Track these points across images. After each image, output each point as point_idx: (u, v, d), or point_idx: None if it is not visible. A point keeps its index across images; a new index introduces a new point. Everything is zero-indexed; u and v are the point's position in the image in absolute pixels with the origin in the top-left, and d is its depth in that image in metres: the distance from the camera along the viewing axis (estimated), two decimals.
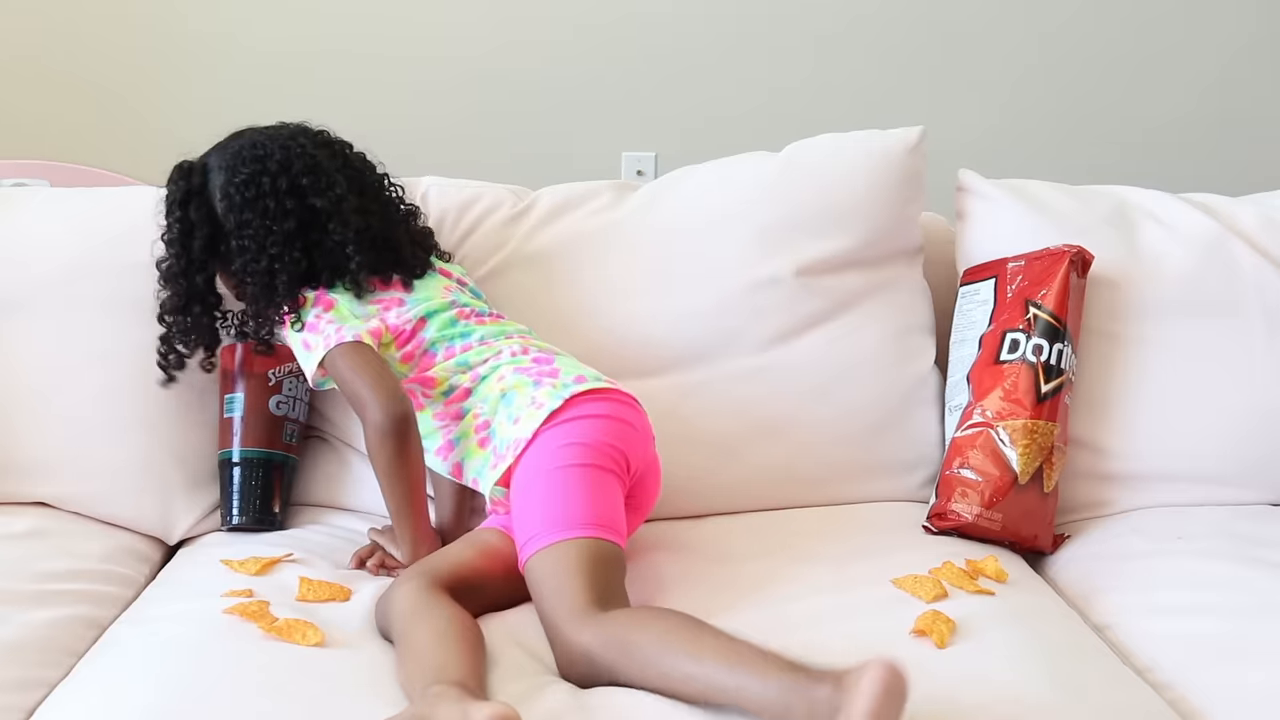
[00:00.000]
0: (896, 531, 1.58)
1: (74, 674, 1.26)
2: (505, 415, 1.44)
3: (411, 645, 1.21)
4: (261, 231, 1.50)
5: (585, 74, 2.76)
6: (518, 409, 1.43)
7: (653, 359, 1.64)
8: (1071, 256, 1.62)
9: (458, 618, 1.25)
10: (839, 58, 2.77)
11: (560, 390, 1.42)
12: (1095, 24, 2.79)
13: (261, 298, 1.51)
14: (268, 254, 1.50)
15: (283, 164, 1.52)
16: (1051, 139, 2.80)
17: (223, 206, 1.52)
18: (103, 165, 2.33)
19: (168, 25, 2.68)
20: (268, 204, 1.50)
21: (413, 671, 1.17)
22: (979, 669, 1.20)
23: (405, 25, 2.70)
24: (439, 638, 1.20)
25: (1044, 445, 1.56)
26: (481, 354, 1.51)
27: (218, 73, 2.68)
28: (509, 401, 1.44)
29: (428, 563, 1.36)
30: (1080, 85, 2.81)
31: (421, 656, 1.18)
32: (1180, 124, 2.81)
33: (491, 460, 1.44)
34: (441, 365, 1.51)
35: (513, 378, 1.46)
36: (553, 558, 1.29)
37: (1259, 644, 1.29)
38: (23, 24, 2.67)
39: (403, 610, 1.26)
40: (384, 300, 1.54)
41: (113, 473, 1.60)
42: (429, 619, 1.23)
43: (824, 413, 1.68)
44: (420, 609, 1.25)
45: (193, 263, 1.53)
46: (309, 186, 1.52)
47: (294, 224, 1.51)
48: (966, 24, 2.77)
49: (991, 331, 1.64)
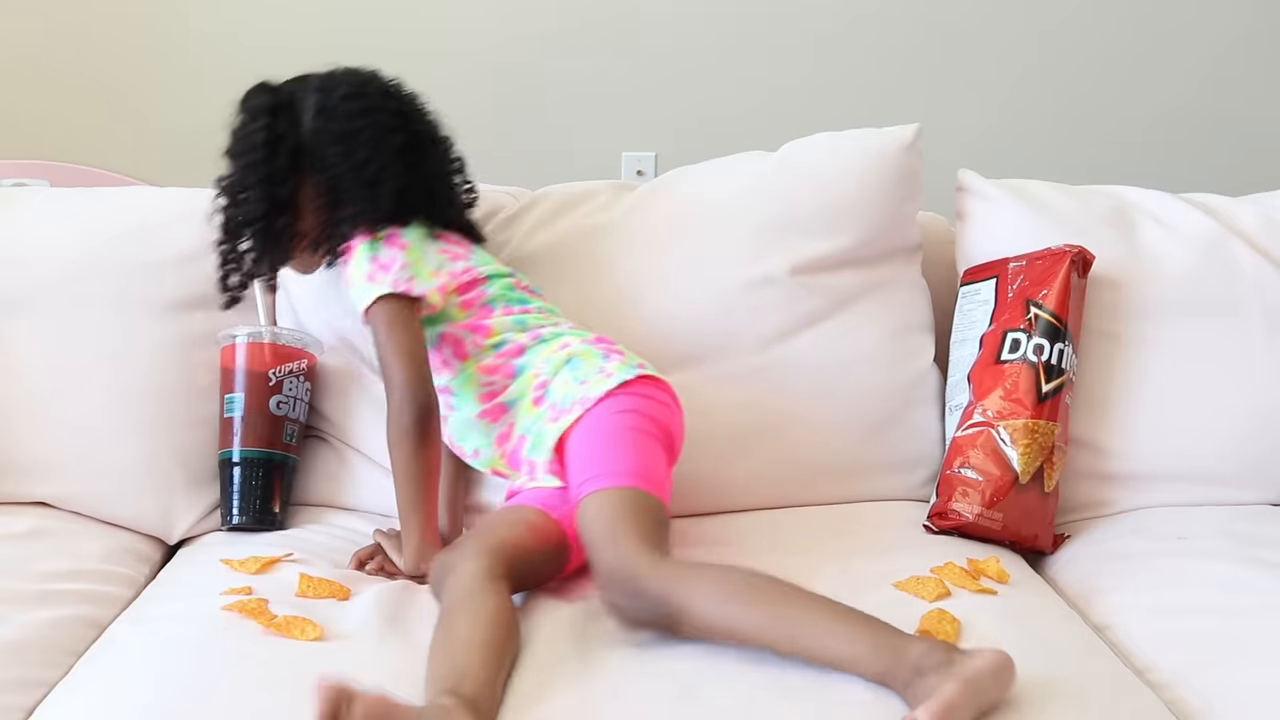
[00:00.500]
0: (897, 531, 1.58)
1: (73, 673, 1.26)
2: (570, 377, 1.46)
3: (451, 631, 1.20)
4: (371, 142, 1.51)
5: (585, 74, 2.76)
6: (585, 373, 1.46)
7: (652, 358, 1.64)
8: (1073, 256, 1.62)
9: (502, 619, 1.23)
10: (839, 58, 2.76)
11: (628, 367, 1.46)
12: (1095, 23, 2.78)
13: (360, 204, 1.50)
14: (377, 162, 1.50)
15: (384, 90, 1.56)
16: (1051, 139, 2.80)
17: (319, 120, 1.52)
18: (103, 165, 2.33)
19: (169, 25, 2.68)
20: (378, 118, 1.52)
21: (440, 659, 1.17)
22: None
23: (406, 23, 2.70)
24: (476, 640, 1.19)
25: (1045, 445, 1.56)
26: (540, 320, 1.54)
27: (219, 72, 2.68)
28: (575, 366, 1.47)
29: (493, 546, 1.33)
30: (1080, 85, 2.80)
31: (453, 651, 1.17)
32: (1180, 124, 2.81)
33: (550, 415, 1.45)
34: (499, 318, 1.53)
35: (580, 346, 1.50)
36: (625, 497, 1.32)
37: (1259, 644, 1.29)
38: (23, 24, 2.67)
39: (457, 592, 1.25)
40: (450, 251, 1.56)
41: (113, 472, 1.61)
42: (475, 612, 1.22)
43: (823, 411, 1.68)
44: (472, 597, 1.24)
45: (276, 172, 1.52)
46: (411, 113, 1.57)
47: (400, 141, 1.53)
48: (966, 24, 2.77)
49: (992, 331, 1.64)
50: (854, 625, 1.15)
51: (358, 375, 1.69)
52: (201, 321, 1.65)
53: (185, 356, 1.65)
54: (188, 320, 1.66)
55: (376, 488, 1.66)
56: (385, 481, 1.64)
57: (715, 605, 1.20)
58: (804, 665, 1.16)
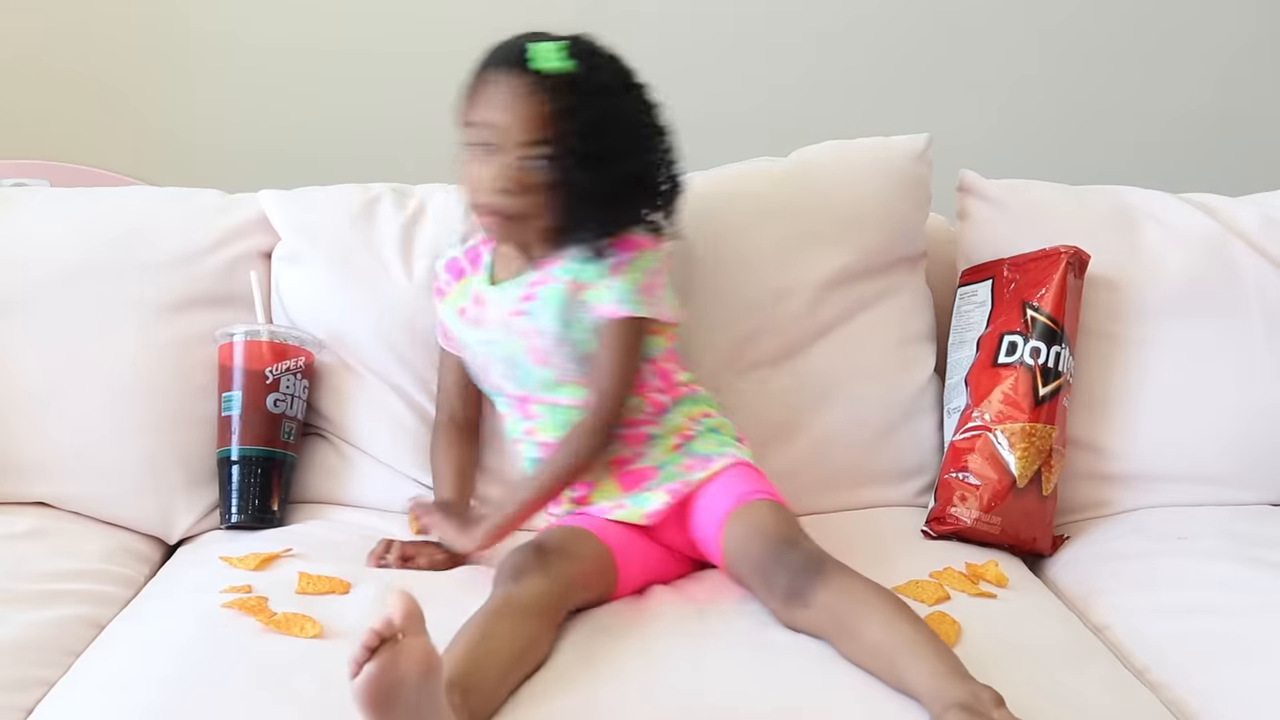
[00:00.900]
0: (896, 537, 1.58)
1: (72, 671, 1.26)
2: (715, 439, 1.50)
3: (485, 636, 1.18)
4: (657, 124, 1.47)
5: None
6: (727, 440, 1.51)
7: None
8: (1069, 258, 1.62)
9: (532, 653, 1.21)
10: (839, 56, 2.76)
11: (750, 454, 1.51)
12: (1096, 23, 2.78)
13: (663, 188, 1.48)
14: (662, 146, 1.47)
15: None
16: (1052, 139, 2.79)
17: (603, 99, 1.44)
18: (103, 165, 2.32)
19: (169, 24, 2.68)
20: (650, 100, 1.47)
21: (462, 647, 1.15)
22: (981, 673, 1.20)
23: (406, 23, 2.69)
24: (502, 652, 1.17)
25: (1042, 448, 1.56)
26: (693, 378, 1.57)
27: (219, 72, 2.68)
28: (718, 432, 1.52)
29: (559, 575, 1.30)
30: (1081, 85, 2.80)
31: (479, 652, 1.15)
32: (1180, 124, 2.81)
33: (690, 462, 1.46)
34: (677, 366, 1.55)
35: (719, 418, 1.54)
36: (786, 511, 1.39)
37: (1259, 644, 1.29)
38: (23, 23, 2.66)
39: (503, 604, 1.23)
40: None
41: (113, 472, 1.60)
42: (506, 637, 1.19)
43: (826, 421, 1.68)
44: (526, 617, 1.22)
45: None
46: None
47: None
48: (967, 23, 2.77)
49: (989, 334, 1.63)
50: (941, 657, 1.15)
51: (356, 373, 1.69)
52: (201, 321, 1.65)
53: (185, 356, 1.64)
54: (187, 320, 1.65)
55: (375, 484, 1.66)
56: (384, 477, 1.66)
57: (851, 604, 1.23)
58: (810, 674, 1.18)
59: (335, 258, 1.69)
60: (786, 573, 1.28)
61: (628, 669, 1.20)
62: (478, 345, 1.54)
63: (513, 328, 1.49)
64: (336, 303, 1.68)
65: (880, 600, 1.22)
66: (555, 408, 1.49)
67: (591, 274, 1.46)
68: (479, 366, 1.56)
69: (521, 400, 1.52)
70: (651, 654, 1.23)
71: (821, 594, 1.24)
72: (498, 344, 1.51)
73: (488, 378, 1.55)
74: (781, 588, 1.28)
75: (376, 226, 1.71)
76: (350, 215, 1.72)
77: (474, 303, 1.54)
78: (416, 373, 1.66)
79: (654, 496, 1.43)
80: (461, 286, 1.57)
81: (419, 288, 1.65)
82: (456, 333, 1.57)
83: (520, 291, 1.49)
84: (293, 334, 1.64)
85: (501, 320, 1.50)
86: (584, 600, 1.33)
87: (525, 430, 1.53)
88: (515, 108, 1.41)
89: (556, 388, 1.49)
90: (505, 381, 1.52)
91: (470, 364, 1.57)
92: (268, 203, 1.74)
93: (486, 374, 1.55)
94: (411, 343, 1.66)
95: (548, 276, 1.48)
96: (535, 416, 1.52)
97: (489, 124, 1.42)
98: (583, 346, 1.46)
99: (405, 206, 1.74)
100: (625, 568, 1.39)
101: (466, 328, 1.55)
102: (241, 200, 1.76)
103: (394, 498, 1.63)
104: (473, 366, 1.57)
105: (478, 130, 1.44)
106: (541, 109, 1.40)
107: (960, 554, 1.49)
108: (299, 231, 1.71)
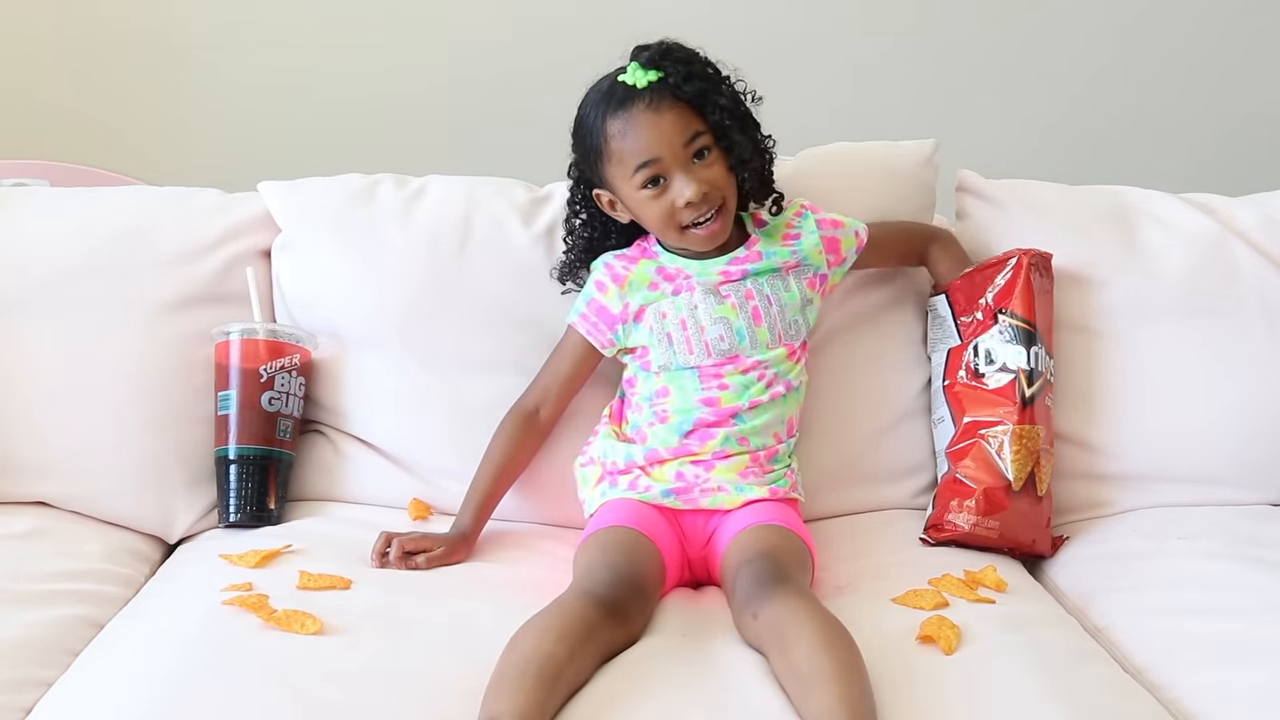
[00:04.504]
0: (894, 543, 1.58)
1: (72, 670, 1.26)
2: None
3: (528, 652, 1.16)
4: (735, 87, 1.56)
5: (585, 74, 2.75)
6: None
7: None
8: (1030, 259, 1.60)
9: (575, 678, 1.19)
10: (840, 56, 2.76)
11: None
12: (1095, 23, 2.78)
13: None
14: None
15: None
16: (1052, 139, 2.80)
17: (703, 76, 1.53)
18: (103, 165, 2.33)
19: (169, 24, 2.68)
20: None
21: (507, 667, 1.15)
22: (982, 677, 1.20)
23: (406, 23, 2.70)
24: (542, 683, 1.14)
25: (1033, 449, 1.56)
26: None
27: (220, 72, 2.68)
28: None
29: (617, 600, 1.28)
30: (1080, 85, 2.80)
31: (518, 678, 1.14)
32: (1180, 124, 2.81)
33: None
34: None
35: None
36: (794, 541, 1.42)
37: (1259, 644, 1.29)
38: (24, 23, 2.66)
39: (557, 623, 1.21)
40: None
41: (113, 472, 1.61)
42: (554, 660, 1.16)
43: (825, 425, 1.68)
44: (567, 640, 1.19)
45: None
46: None
47: None
48: (967, 23, 2.77)
49: (961, 345, 1.63)
50: (845, 699, 1.12)
51: (355, 360, 1.69)
52: (200, 320, 1.65)
53: (184, 355, 1.65)
54: (187, 319, 1.66)
55: (373, 481, 1.67)
56: (382, 473, 1.67)
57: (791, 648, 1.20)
58: None
59: (335, 244, 1.69)
60: (747, 580, 1.30)
61: None
62: (683, 312, 1.54)
63: (736, 291, 1.55)
64: (336, 288, 1.68)
65: (819, 628, 1.19)
66: (747, 375, 1.54)
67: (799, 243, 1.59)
68: (664, 338, 1.55)
69: (715, 367, 1.53)
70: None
71: (770, 608, 1.23)
72: (705, 310, 1.54)
73: (675, 349, 1.54)
74: (740, 594, 1.29)
75: (375, 213, 1.70)
76: (350, 201, 1.71)
77: (674, 275, 1.56)
78: (417, 355, 1.66)
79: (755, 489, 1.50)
80: (640, 269, 1.58)
81: (419, 270, 1.66)
82: (647, 309, 1.56)
83: (730, 265, 1.56)
84: (288, 331, 1.64)
85: (711, 288, 1.55)
86: (630, 620, 1.30)
87: (699, 400, 1.53)
88: (662, 125, 1.47)
89: (766, 350, 1.54)
90: (703, 349, 1.54)
91: (651, 342, 1.55)
92: (267, 193, 1.74)
93: (675, 345, 1.54)
94: (412, 325, 1.66)
95: (752, 254, 1.57)
96: (727, 387, 1.53)
97: (654, 155, 1.48)
98: (793, 313, 1.56)
99: (404, 190, 1.73)
100: (670, 567, 1.43)
101: (668, 298, 1.55)
102: (240, 199, 1.76)
103: (392, 493, 1.64)
104: (658, 340, 1.55)
105: (650, 167, 1.48)
106: (678, 108, 1.48)
107: (959, 560, 1.49)
108: (298, 220, 1.71)
